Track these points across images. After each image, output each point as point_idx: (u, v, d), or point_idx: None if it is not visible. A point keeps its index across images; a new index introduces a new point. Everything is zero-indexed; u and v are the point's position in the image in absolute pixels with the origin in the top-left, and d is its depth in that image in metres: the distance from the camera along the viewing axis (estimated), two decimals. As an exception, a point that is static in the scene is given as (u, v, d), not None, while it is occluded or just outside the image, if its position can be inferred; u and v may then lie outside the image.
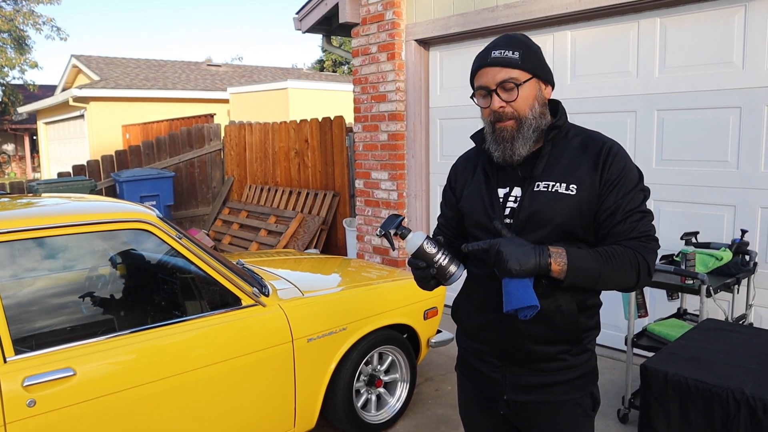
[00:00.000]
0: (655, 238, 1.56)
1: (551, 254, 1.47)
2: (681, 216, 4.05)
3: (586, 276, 1.49)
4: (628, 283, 1.53)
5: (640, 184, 1.57)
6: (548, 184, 1.57)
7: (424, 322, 3.56)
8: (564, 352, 1.61)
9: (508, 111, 1.57)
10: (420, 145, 5.65)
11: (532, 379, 1.64)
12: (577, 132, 1.65)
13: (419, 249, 1.56)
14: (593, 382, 1.69)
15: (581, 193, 1.54)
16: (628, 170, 1.56)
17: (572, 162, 1.58)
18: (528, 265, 1.45)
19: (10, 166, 26.83)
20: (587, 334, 1.64)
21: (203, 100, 16.89)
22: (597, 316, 1.68)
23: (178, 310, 2.70)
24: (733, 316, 3.59)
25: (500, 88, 1.57)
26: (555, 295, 1.57)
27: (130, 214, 2.53)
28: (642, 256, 1.51)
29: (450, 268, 1.57)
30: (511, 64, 1.56)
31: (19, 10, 24.01)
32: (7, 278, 2.27)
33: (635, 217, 1.53)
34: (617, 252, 1.50)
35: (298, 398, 2.89)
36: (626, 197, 1.53)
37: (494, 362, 1.69)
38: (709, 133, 3.89)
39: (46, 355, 2.16)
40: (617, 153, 1.57)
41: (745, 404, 1.90)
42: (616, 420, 3.40)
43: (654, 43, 4.09)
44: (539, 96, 1.60)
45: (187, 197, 9.28)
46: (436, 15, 5.26)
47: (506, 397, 1.68)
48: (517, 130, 1.58)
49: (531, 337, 1.60)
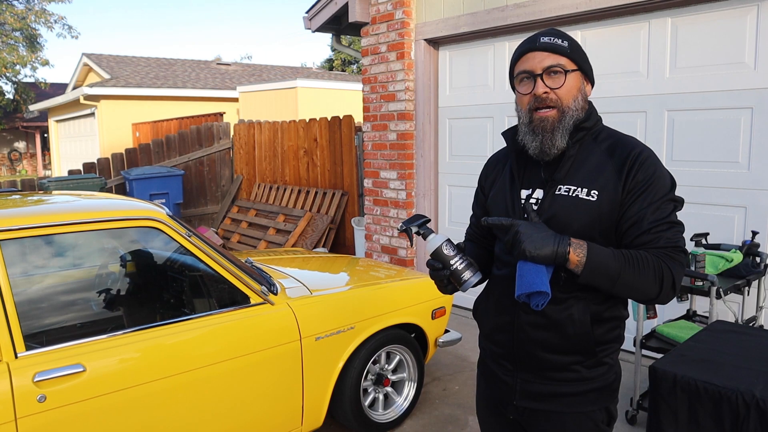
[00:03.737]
0: (684, 250, 1.46)
1: (571, 244, 1.41)
2: (691, 217, 4.02)
3: (604, 274, 1.41)
4: (649, 293, 1.43)
5: (671, 194, 1.49)
6: (569, 188, 1.52)
7: (432, 321, 3.56)
8: (576, 363, 1.55)
9: (553, 97, 1.53)
10: (429, 144, 5.64)
11: (542, 387, 1.59)
12: (609, 135, 1.59)
13: (437, 250, 1.56)
14: (610, 396, 1.60)
15: (602, 200, 1.48)
16: (657, 178, 1.48)
17: (597, 166, 1.52)
18: (545, 249, 1.40)
19: (21, 163, 27.04)
20: (604, 347, 1.56)
21: (213, 99, 16.94)
22: (618, 329, 1.59)
23: (187, 307, 2.71)
24: (743, 318, 3.57)
25: (546, 74, 1.53)
26: (568, 303, 1.52)
27: (140, 212, 2.54)
28: (667, 266, 1.42)
29: (464, 274, 1.55)
30: (561, 51, 1.53)
31: (31, 8, 24.20)
32: (18, 275, 2.28)
33: (662, 227, 1.45)
34: (642, 257, 1.42)
35: (306, 396, 2.89)
36: (652, 206, 1.45)
37: (507, 365, 1.66)
38: (720, 133, 3.86)
39: (56, 351, 2.18)
40: (646, 160, 1.49)
41: (755, 406, 1.89)
42: (624, 421, 3.39)
43: (665, 43, 4.06)
44: (582, 90, 1.57)
45: (197, 195, 9.31)
46: (445, 14, 5.25)
47: (515, 402, 1.64)
48: (559, 121, 1.52)
49: (541, 344, 1.56)
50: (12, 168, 26.82)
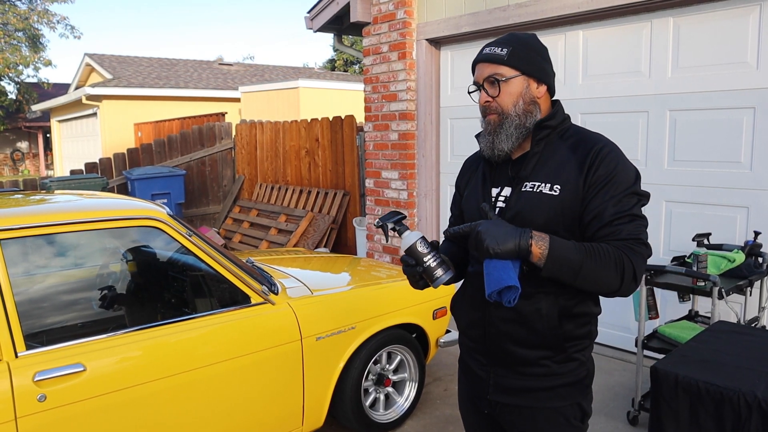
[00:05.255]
0: (645, 243, 1.49)
1: (533, 237, 1.44)
2: (693, 217, 4.02)
3: (566, 266, 1.43)
4: (610, 285, 1.45)
5: (634, 188, 1.51)
6: (534, 184, 1.57)
7: (433, 321, 3.55)
8: (546, 358, 1.58)
9: (493, 105, 1.62)
10: (430, 144, 5.64)
11: (514, 381, 1.63)
12: (575, 133, 1.62)
13: (411, 247, 1.60)
14: (582, 393, 1.63)
15: (564, 194, 1.52)
16: (619, 172, 1.51)
17: (561, 163, 1.57)
18: (507, 245, 1.43)
19: (23, 163, 27.09)
20: (574, 343, 1.59)
21: (215, 99, 16.96)
22: (589, 325, 1.62)
23: (188, 307, 2.71)
24: (745, 319, 3.57)
25: (486, 83, 1.63)
26: (536, 297, 1.55)
27: (141, 212, 2.54)
28: (628, 258, 1.44)
29: (437, 271, 1.58)
30: (497, 61, 1.60)
31: (34, 8, 24.23)
32: (20, 274, 2.28)
33: (624, 219, 1.47)
34: (603, 249, 1.45)
35: (307, 396, 2.89)
36: (613, 199, 1.48)
37: (481, 360, 1.71)
38: (722, 133, 3.85)
39: (56, 351, 2.18)
40: (608, 155, 1.52)
41: (757, 407, 1.88)
42: (626, 422, 3.38)
43: (667, 43, 4.05)
44: (526, 93, 1.61)
45: (198, 195, 9.32)
46: (447, 14, 5.25)
47: (489, 396, 1.68)
48: (499, 125, 1.61)
49: (511, 339, 1.60)
50: (14, 168, 26.87)
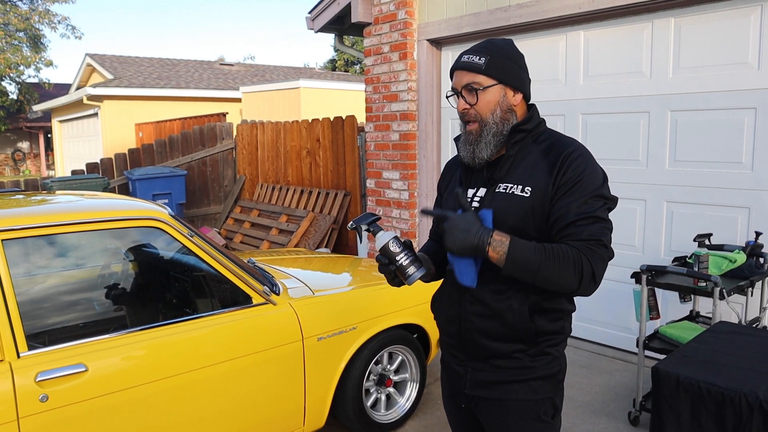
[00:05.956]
0: (605, 245, 1.51)
1: (492, 242, 1.48)
2: (694, 218, 4.02)
3: (525, 268, 1.48)
4: (569, 285, 1.49)
5: (600, 190, 1.54)
6: (507, 185, 1.62)
7: (434, 322, 3.55)
8: (518, 352, 1.63)
9: (471, 113, 1.65)
10: (432, 145, 5.64)
11: (489, 375, 1.68)
12: (548, 137, 1.66)
13: (384, 246, 1.64)
14: (553, 387, 1.67)
15: (534, 196, 1.57)
16: (587, 176, 1.54)
17: (532, 165, 1.61)
18: (464, 247, 1.49)
19: (25, 163, 27.10)
20: (546, 338, 1.63)
21: (216, 99, 16.96)
22: (561, 321, 1.66)
23: (190, 307, 2.71)
24: (746, 319, 3.57)
25: (464, 91, 1.66)
26: (507, 293, 1.60)
27: (143, 212, 2.54)
28: (587, 259, 1.48)
29: (409, 269, 1.63)
30: (476, 69, 1.63)
31: (35, 8, 24.26)
32: (21, 275, 2.29)
33: (587, 221, 1.51)
34: (561, 250, 1.48)
35: (308, 397, 2.89)
36: (578, 201, 1.52)
37: (459, 356, 1.75)
38: (723, 134, 3.85)
39: (58, 351, 2.18)
40: (576, 158, 1.56)
41: (758, 408, 1.88)
42: (627, 422, 3.38)
43: (668, 44, 4.05)
44: (503, 102, 1.64)
45: (199, 196, 9.32)
46: (448, 15, 5.25)
47: (466, 391, 1.72)
48: (480, 134, 1.65)
49: (484, 333, 1.64)
50: (16, 168, 26.88)
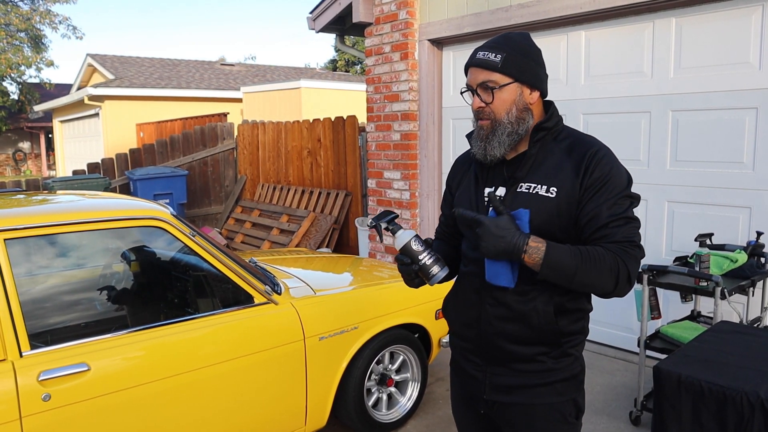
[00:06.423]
0: (638, 245, 1.51)
1: (528, 249, 1.46)
2: (695, 217, 4.02)
3: (562, 272, 1.46)
4: (605, 288, 1.49)
5: (627, 191, 1.54)
6: (530, 185, 1.59)
7: (435, 321, 3.56)
8: (542, 354, 1.60)
9: (486, 111, 1.62)
10: (433, 145, 5.64)
11: (510, 379, 1.64)
12: (568, 134, 1.64)
13: (406, 245, 1.62)
14: (576, 388, 1.65)
15: (561, 197, 1.54)
16: (613, 176, 1.53)
17: (556, 165, 1.58)
18: (500, 252, 1.47)
19: (26, 163, 27.13)
20: (569, 339, 1.62)
21: (217, 99, 16.97)
22: (582, 321, 1.65)
23: (191, 307, 2.72)
24: (747, 319, 3.57)
25: (480, 89, 1.62)
26: (531, 294, 1.57)
27: (145, 212, 2.55)
28: (623, 261, 1.47)
29: (433, 269, 1.61)
30: (491, 67, 1.59)
31: (36, 9, 24.29)
32: (23, 274, 2.29)
33: (619, 222, 1.50)
34: (598, 253, 1.47)
35: (310, 396, 2.90)
36: (608, 202, 1.51)
37: (476, 360, 1.71)
38: (724, 134, 3.85)
39: (60, 350, 2.19)
40: (602, 158, 1.54)
41: (760, 407, 1.88)
42: (628, 422, 3.38)
43: (669, 44, 4.05)
44: (519, 100, 1.61)
45: (200, 196, 9.33)
46: (449, 15, 5.25)
47: (485, 396, 1.69)
48: (492, 132, 1.61)
49: (507, 336, 1.61)
50: (17, 168, 26.90)
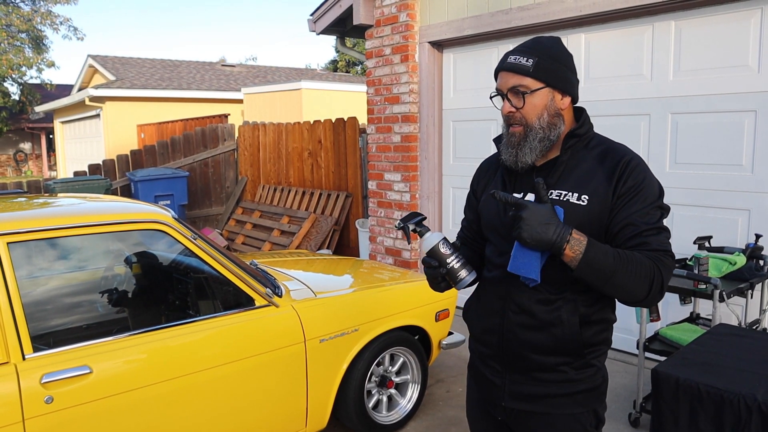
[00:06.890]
0: (672, 255, 1.49)
1: (570, 240, 1.43)
2: (694, 220, 4.03)
3: (599, 271, 1.43)
4: (638, 294, 1.46)
5: (659, 201, 1.52)
6: (561, 192, 1.56)
7: (435, 323, 3.57)
8: (564, 365, 1.58)
9: (517, 116, 1.59)
10: (433, 146, 5.66)
11: (531, 388, 1.62)
12: (600, 142, 1.62)
13: (434, 248, 1.59)
14: (598, 399, 1.63)
15: (593, 204, 1.52)
16: (646, 186, 1.51)
17: (588, 172, 1.56)
18: (541, 241, 1.43)
19: (27, 164, 27.14)
20: (592, 350, 1.59)
21: (217, 101, 16.98)
22: (606, 332, 1.62)
23: (192, 309, 2.73)
24: (746, 322, 3.57)
25: (511, 93, 1.59)
26: (557, 304, 1.55)
27: (146, 215, 2.56)
28: (659, 270, 1.45)
29: (461, 272, 1.59)
30: (523, 72, 1.56)
31: (37, 10, 24.32)
32: (25, 277, 2.30)
33: (652, 231, 1.48)
34: (638, 259, 1.45)
35: (310, 398, 2.91)
36: (641, 211, 1.49)
37: (496, 367, 1.69)
38: (723, 136, 3.86)
39: (63, 353, 2.20)
40: (635, 167, 1.52)
41: (757, 410, 1.89)
42: (627, 424, 3.39)
43: (668, 46, 4.07)
44: (550, 106, 1.58)
45: (201, 197, 9.34)
46: (449, 17, 5.27)
47: (504, 403, 1.67)
48: (524, 138, 1.58)
49: (530, 345, 1.59)
50: (17, 169, 26.92)
